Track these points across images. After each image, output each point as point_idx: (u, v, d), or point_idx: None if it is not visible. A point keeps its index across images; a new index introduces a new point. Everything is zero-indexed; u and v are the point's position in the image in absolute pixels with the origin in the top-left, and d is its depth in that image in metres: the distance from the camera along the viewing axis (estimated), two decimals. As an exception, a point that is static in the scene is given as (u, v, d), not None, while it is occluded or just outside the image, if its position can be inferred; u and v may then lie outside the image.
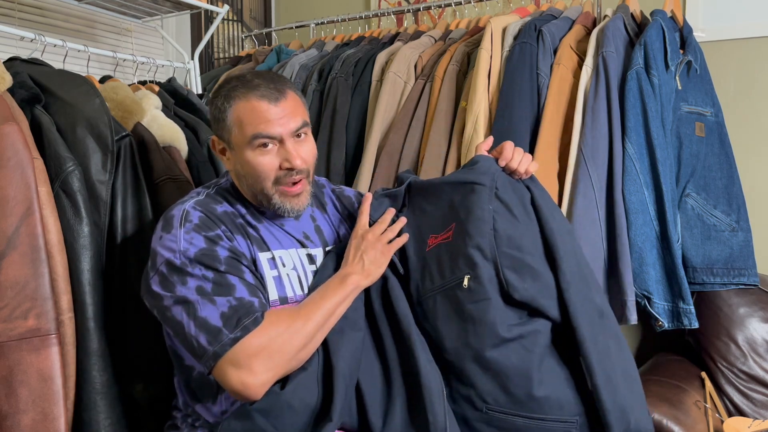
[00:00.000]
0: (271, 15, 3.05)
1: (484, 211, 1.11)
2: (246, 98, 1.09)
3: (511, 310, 1.09)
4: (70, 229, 1.18)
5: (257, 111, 1.08)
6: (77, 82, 1.33)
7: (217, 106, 1.12)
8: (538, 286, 1.08)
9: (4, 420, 1.06)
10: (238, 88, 1.10)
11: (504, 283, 1.08)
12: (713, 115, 1.80)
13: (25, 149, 1.11)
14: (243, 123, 1.08)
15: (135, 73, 1.86)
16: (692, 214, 1.71)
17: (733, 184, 1.75)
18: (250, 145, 1.09)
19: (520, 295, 1.07)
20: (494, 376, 1.06)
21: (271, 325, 1.00)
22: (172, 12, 1.99)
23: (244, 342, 0.97)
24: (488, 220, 1.11)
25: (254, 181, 1.11)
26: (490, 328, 1.06)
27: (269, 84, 1.10)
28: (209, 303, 0.99)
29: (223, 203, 1.15)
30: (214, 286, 1.01)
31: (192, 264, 1.02)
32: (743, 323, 1.78)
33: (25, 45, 1.56)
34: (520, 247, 1.10)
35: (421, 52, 2.01)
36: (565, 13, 1.90)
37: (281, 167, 1.10)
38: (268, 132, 1.08)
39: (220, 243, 1.06)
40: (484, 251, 1.09)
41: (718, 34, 2.03)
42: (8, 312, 1.07)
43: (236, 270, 1.05)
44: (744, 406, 1.73)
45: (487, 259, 1.09)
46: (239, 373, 0.96)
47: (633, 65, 1.61)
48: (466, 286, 1.09)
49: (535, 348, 1.06)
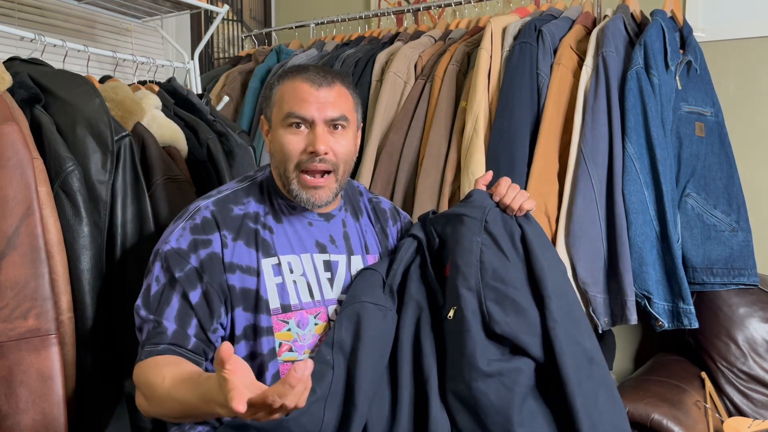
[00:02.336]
0: (271, 15, 3.05)
1: (471, 243, 1.12)
2: (292, 79, 1.13)
3: (493, 345, 1.06)
4: (70, 229, 1.18)
5: (297, 90, 1.11)
6: (77, 82, 1.33)
7: (272, 88, 1.17)
8: (521, 322, 1.06)
9: (4, 420, 1.06)
10: (290, 71, 1.15)
11: (486, 315, 1.07)
12: (713, 115, 1.80)
13: (25, 149, 1.11)
14: (283, 101, 1.12)
15: (135, 73, 1.86)
16: (692, 214, 1.71)
17: (733, 184, 1.75)
18: (283, 122, 1.11)
19: (502, 329, 1.06)
20: (472, 412, 1.03)
21: (144, 373, 0.99)
22: (172, 12, 1.98)
23: (138, 365, 1.01)
24: (475, 252, 1.11)
25: (280, 160, 1.12)
26: (468, 360, 1.04)
27: (319, 71, 1.13)
28: (141, 310, 1.05)
29: (248, 201, 1.15)
30: (156, 295, 1.05)
31: (160, 258, 1.07)
32: (743, 323, 1.78)
33: (25, 45, 1.56)
34: (504, 280, 1.09)
35: (421, 52, 2.01)
36: (565, 13, 1.90)
37: (305, 150, 1.10)
38: (301, 112, 1.09)
39: (200, 250, 1.07)
40: (469, 282, 1.09)
41: (718, 34, 2.03)
42: (8, 312, 1.07)
43: (188, 284, 1.05)
44: (744, 406, 1.73)
45: (471, 290, 1.08)
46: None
47: (633, 65, 1.61)
48: (451, 318, 1.09)
49: (515, 387, 1.03)
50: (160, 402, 0.95)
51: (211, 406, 0.80)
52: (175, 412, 0.94)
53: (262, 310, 1.08)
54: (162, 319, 1.02)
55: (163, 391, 0.93)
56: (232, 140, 1.60)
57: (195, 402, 0.86)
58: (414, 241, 1.22)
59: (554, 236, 1.63)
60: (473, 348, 1.04)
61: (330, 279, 1.16)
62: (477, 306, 1.08)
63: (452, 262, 1.13)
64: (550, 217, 1.64)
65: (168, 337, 1.01)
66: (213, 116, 1.67)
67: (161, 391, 0.93)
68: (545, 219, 1.63)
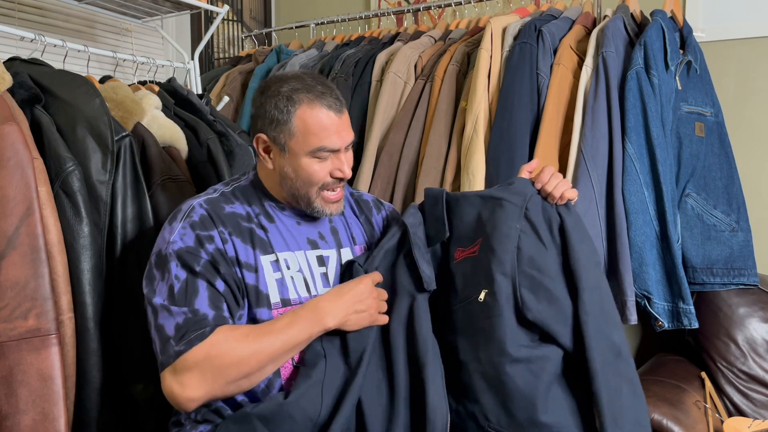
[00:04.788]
0: (271, 15, 3.05)
1: (510, 229, 1.11)
2: (312, 106, 1.10)
3: (523, 331, 1.08)
4: (70, 229, 1.18)
5: (325, 123, 1.10)
6: (77, 82, 1.33)
7: (278, 107, 1.11)
8: (553, 311, 1.07)
9: (4, 420, 1.06)
10: (301, 92, 1.10)
11: (519, 301, 1.08)
12: (713, 115, 1.80)
13: (25, 149, 1.11)
14: (309, 132, 1.10)
15: (135, 73, 1.86)
16: (692, 214, 1.71)
17: (733, 184, 1.75)
18: (310, 154, 1.11)
19: (534, 316, 1.07)
20: (498, 395, 1.05)
21: (216, 345, 0.98)
22: (172, 12, 1.98)
23: (186, 356, 0.98)
24: (513, 238, 1.10)
25: (302, 185, 1.13)
26: (499, 344, 1.06)
27: (332, 92, 1.13)
28: (167, 313, 1.01)
29: (236, 203, 1.16)
30: (181, 289, 1.03)
31: (173, 259, 1.05)
32: (743, 323, 1.78)
33: (25, 45, 1.56)
34: (541, 269, 1.09)
35: (421, 52, 2.01)
36: (565, 13, 1.90)
37: (332, 175, 1.13)
38: (333, 146, 1.11)
39: (207, 245, 1.07)
40: (505, 267, 1.09)
41: (718, 34, 2.03)
42: (8, 312, 1.07)
43: (210, 275, 1.05)
44: (744, 406, 1.73)
45: (506, 276, 1.09)
46: (171, 382, 0.98)
47: (633, 65, 1.61)
48: (482, 301, 1.09)
49: (542, 374, 1.04)
50: (259, 346, 1.00)
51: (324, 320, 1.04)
52: (268, 357, 1.01)
53: (262, 304, 1.10)
54: (196, 308, 1.01)
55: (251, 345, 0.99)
56: (232, 140, 1.61)
57: (307, 321, 1.03)
58: (399, 230, 1.22)
59: (554, 236, 1.62)
60: (504, 333, 1.06)
61: (324, 273, 1.19)
62: (511, 292, 1.08)
63: (485, 245, 1.13)
64: (550, 217, 1.64)
65: (210, 321, 1.01)
66: (213, 116, 1.67)
67: (250, 346, 0.99)
68: (545, 219, 1.63)
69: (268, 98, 1.13)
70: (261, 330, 1.03)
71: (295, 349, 1.06)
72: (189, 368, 0.97)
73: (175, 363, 0.98)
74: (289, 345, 1.03)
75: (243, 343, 1.00)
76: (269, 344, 1.01)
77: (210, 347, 0.98)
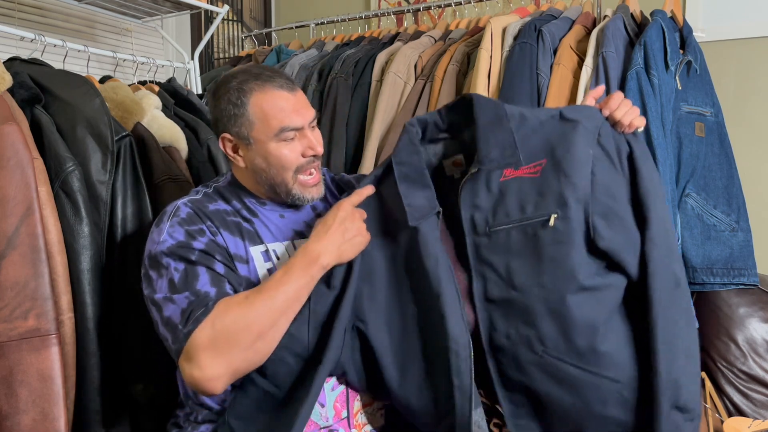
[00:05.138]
0: (271, 15, 3.05)
1: (584, 154, 1.06)
2: (264, 90, 1.10)
3: (592, 259, 1.04)
4: (70, 229, 1.18)
5: (281, 103, 1.09)
6: (77, 82, 1.33)
7: (231, 102, 1.11)
8: (624, 239, 1.04)
9: (4, 420, 1.06)
10: (250, 81, 1.10)
11: (592, 229, 1.03)
12: (713, 115, 1.80)
13: (25, 149, 1.11)
14: (268, 116, 1.09)
15: (135, 73, 1.86)
16: (692, 214, 1.71)
17: (733, 184, 1.75)
18: (276, 137, 1.10)
19: (606, 245, 1.03)
20: (560, 321, 1.02)
21: (221, 315, 0.96)
22: (172, 12, 1.99)
23: (195, 335, 0.95)
24: (587, 163, 1.05)
25: (276, 173, 1.12)
26: (569, 272, 1.02)
27: (280, 75, 1.12)
28: (170, 303, 1.00)
29: (218, 201, 1.16)
30: (180, 279, 1.01)
31: (167, 256, 1.04)
32: (743, 323, 1.78)
33: (25, 45, 1.56)
34: (614, 196, 1.05)
35: (421, 52, 2.01)
36: (565, 13, 1.90)
37: (304, 155, 1.12)
38: (294, 124, 1.10)
39: (198, 237, 1.07)
40: (578, 193, 1.03)
41: (718, 34, 2.03)
42: (8, 312, 1.07)
43: (207, 261, 1.04)
44: (744, 406, 1.73)
45: (579, 202, 1.03)
46: (190, 368, 0.95)
47: (633, 65, 1.61)
48: (552, 225, 1.03)
49: (606, 302, 1.03)
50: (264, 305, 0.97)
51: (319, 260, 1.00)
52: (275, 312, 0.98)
53: None
54: (197, 289, 1.00)
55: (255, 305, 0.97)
56: (232, 140, 1.60)
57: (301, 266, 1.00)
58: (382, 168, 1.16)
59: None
60: (575, 260, 1.02)
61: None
62: (583, 218, 1.03)
63: (554, 167, 1.07)
64: (550, 216, 1.63)
65: (213, 297, 0.99)
66: (213, 116, 1.67)
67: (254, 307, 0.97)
68: (545, 219, 1.63)
69: (220, 97, 1.13)
70: (259, 289, 1.00)
71: (301, 298, 1.02)
72: (201, 347, 0.94)
73: (187, 346, 0.95)
74: (292, 294, 1.00)
75: (246, 306, 0.97)
76: (272, 299, 0.98)
77: (215, 319, 0.95)
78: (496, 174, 1.09)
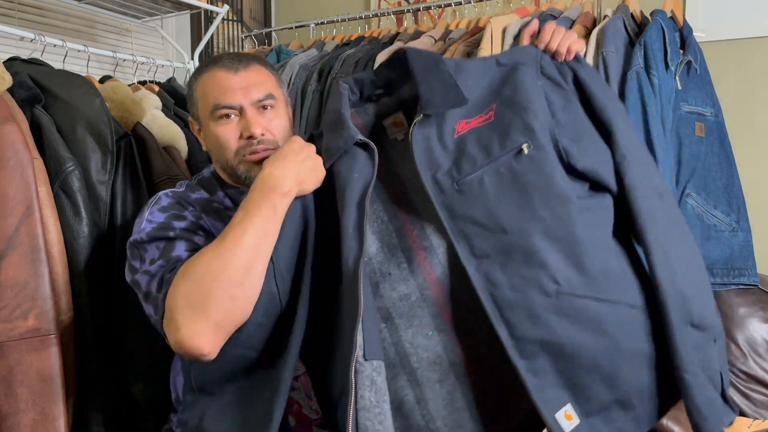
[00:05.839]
0: (271, 15, 3.05)
1: (534, 86, 1.03)
2: (209, 72, 1.13)
3: (575, 182, 0.99)
4: (70, 229, 1.18)
5: (217, 80, 1.10)
6: (77, 82, 1.33)
7: (190, 86, 1.17)
8: (599, 157, 1.01)
9: (4, 420, 1.06)
10: (204, 65, 1.15)
11: (564, 153, 0.99)
12: (713, 115, 1.80)
13: (25, 149, 1.11)
14: (205, 94, 1.12)
15: (135, 73, 1.86)
16: (692, 214, 1.71)
17: (733, 184, 1.75)
18: (212, 116, 1.11)
19: (583, 165, 0.99)
20: (569, 249, 0.94)
21: (189, 269, 0.90)
22: (172, 12, 1.99)
23: (168, 296, 0.90)
24: (540, 93, 1.03)
25: (219, 153, 1.13)
26: (562, 195, 0.96)
27: (233, 57, 1.13)
28: (145, 275, 0.97)
29: (200, 191, 1.16)
30: (159, 253, 0.99)
31: (147, 241, 1.01)
32: (743, 323, 1.78)
33: (25, 45, 1.56)
34: (575, 118, 1.03)
35: (421, 52, 2.01)
36: (565, 13, 1.90)
37: (242, 136, 1.10)
38: (227, 101, 1.09)
39: (180, 219, 1.05)
40: (541, 119, 1.00)
41: (718, 34, 2.03)
42: (8, 312, 1.07)
43: (187, 236, 1.02)
44: (744, 406, 1.73)
45: (545, 128, 1.00)
46: (170, 332, 0.89)
47: (633, 65, 1.61)
48: (527, 154, 0.98)
49: (604, 222, 0.98)
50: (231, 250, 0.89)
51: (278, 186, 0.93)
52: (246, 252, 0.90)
53: None
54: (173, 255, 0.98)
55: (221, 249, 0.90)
56: (232, 140, 1.60)
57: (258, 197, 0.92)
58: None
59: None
60: (562, 182, 0.97)
61: None
62: (552, 145, 1.00)
63: (507, 106, 1.03)
64: (550, 216, 1.63)
65: (184, 258, 0.95)
66: (213, 116, 1.67)
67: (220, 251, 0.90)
68: (545, 219, 1.62)
69: (187, 86, 1.19)
70: (223, 233, 0.93)
71: (270, 232, 0.93)
72: (175, 306, 0.88)
73: (165, 312, 0.90)
74: (260, 228, 0.92)
75: (211, 253, 0.91)
76: (238, 238, 0.91)
77: (184, 274, 0.90)
78: (448, 131, 1.03)
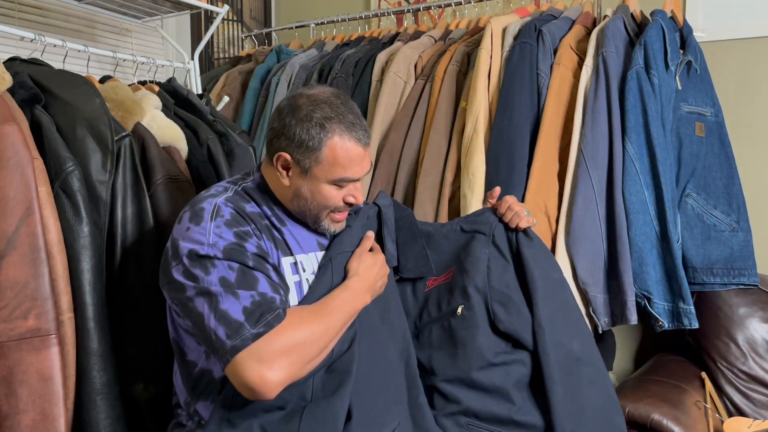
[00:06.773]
0: (271, 15, 3.05)
1: (481, 253, 1.29)
2: (343, 137, 1.10)
3: (499, 339, 1.23)
4: (70, 229, 1.18)
5: (353, 155, 1.12)
6: (77, 82, 1.33)
7: (309, 133, 1.10)
8: (521, 322, 1.22)
9: (4, 420, 1.06)
10: (334, 121, 1.10)
11: (492, 314, 1.23)
12: (713, 115, 1.80)
13: (25, 149, 1.11)
14: (336, 163, 1.11)
15: (135, 73, 1.86)
16: (692, 214, 1.71)
17: (733, 184, 1.75)
18: (332, 181, 1.12)
19: (504, 327, 1.22)
20: (477, 393, 1.18)
21: (295, 326, 1.00)
22: (172, 12, 1.98)
23: (268, 338, 0.97)
24: (484, 260, 1.28)
25: (315, 207, 1.15)
26: (478, 352, 1.20)
27: (361, 122, 1.13)
28: (231, 296, 0.99)
29: (251, 203, 1.15)
30: (238, 279, 1.00)
31: (219, 256, 1.01)
32: (743, 323, 1.78)
33: (25, 45, 1.56)
34: (508, 285, 1.26)
35: (421, 52, 2.01)
36: (565, 13, 1.90)
37: (345, 200, 1.15)
38: (354, 177, 1.14)
39: (249, 240, 1.06)
40: (478, 285, 1.25)
41: (718, 34, 2.03)
42: (8, 312, 1.07)
43: (262, 267, 1.04)
44: (744, 406, 1.73)
45: (480, 292, 1.25)
46: (260, 367, 0.95)
47: (633, 65, 1.61)
48: (460, 314, 1.24)
49: (515, 374, 1.20)
50: (328, 324, 1.04)
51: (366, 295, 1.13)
52: (335, 332, 1.06)
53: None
54: (262, 291, 1.01)
55: (323, 322, 1.04)
56: (232, 140, 1.60)
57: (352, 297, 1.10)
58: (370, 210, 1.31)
59: (554, 236, 1.63)
60: (482, 342, 1.21)
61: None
62: (484, 306, 1.24)
63: (459, 270, 1.28)
64: (550, 217, 1.64)
65: (279, 305, 1.01)
66: (213, 116, 1.67)
67: (322, 324, 1.04)
68: (545, 219, 1.63)
69: (299, 121, 1.10)
70: (324, 308, 1.07)
71: (345, 328, 1.09)
72: (277, 352, 0.97)
73: (257, 347, 0.96)
74: (346, 320, 1.09)
75: (316, 322, 1.03)
76: (336, 320, 1.06)
77: (292, 327, 0.99)
78: (421, 285, 1.33)
